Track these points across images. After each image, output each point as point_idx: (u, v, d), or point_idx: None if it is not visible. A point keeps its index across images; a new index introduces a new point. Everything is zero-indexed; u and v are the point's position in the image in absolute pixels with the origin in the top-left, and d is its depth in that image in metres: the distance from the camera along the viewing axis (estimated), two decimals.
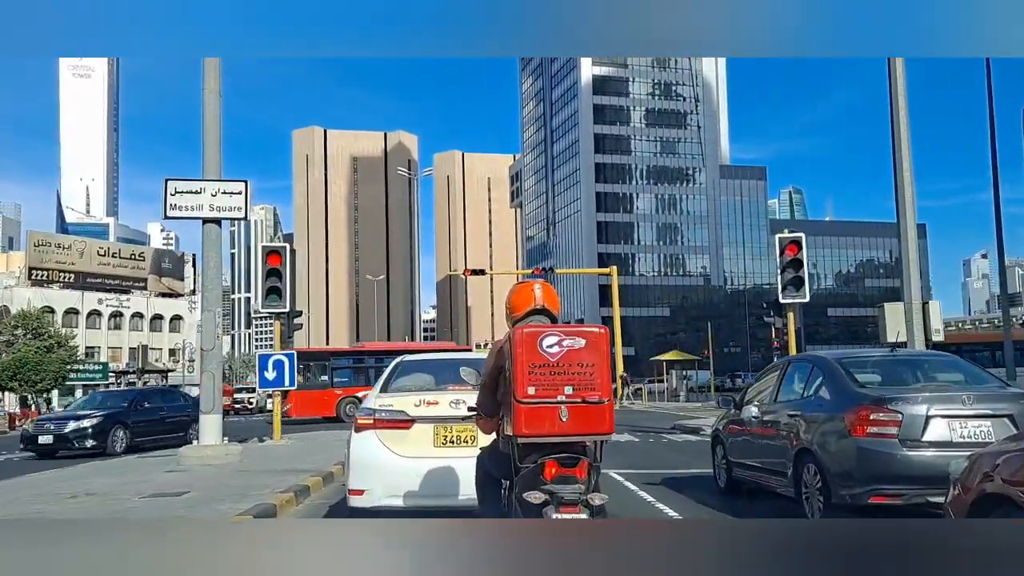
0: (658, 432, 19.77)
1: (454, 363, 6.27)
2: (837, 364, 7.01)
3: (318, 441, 15.88)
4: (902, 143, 12.46)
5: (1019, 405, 6.07)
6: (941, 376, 6.96)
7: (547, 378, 3.46)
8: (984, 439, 5.79)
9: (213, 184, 10.90)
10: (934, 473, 5.47)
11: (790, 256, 14.46)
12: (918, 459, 5.84)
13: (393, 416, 5.89)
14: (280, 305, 14.47)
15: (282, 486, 8.54)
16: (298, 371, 15.45)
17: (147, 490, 8.64)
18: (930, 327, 12.35)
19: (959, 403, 6.03)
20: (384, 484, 5.83)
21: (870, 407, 6.10)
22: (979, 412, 5.98)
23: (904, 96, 12.60)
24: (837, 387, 6.67)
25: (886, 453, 5.91)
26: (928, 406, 5.97)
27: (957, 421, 5.94)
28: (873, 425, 6.01)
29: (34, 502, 8.13)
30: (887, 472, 5.89)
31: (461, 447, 5.76)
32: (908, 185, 12.49)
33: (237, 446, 11.33)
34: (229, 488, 8.54)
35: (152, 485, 9.06)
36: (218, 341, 10.91)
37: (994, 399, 6.20)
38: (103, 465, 12.16)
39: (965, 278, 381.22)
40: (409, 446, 5.83)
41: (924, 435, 5.90)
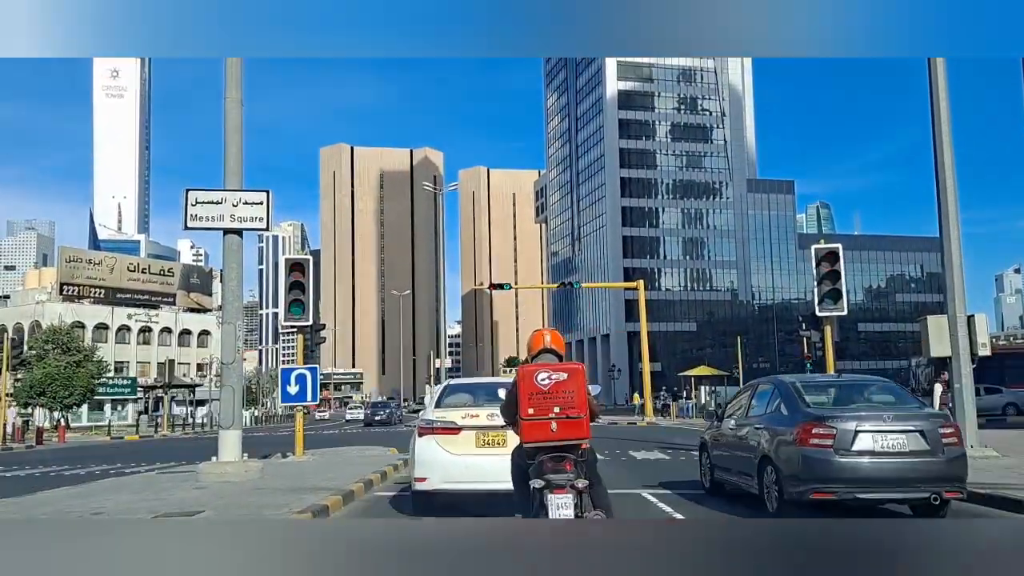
0: (689, 449, 19.17)
1: (488, 386, 8.92)
2: (792, 387, 8.50)
3: (341, 457, 15.59)
4: (944, 154, 11.95)
5: (929, 422, 7.56)
6: (876, 398, 8.40)
7: (541, 402, 4.86)
8: (900, 449, 7.35)
9: (234, 195, 10.68)
10: (861, 476, 7.30)
11: (827, 268, 13.93)
12: (848, 464, 7.34)
13: (446, 425, 7.97)
14: (303, 318, 14.23)
15: (300, 505, 8.21)
16: None
17: (161, 508, 8.35)
18: (975, 340, 11.79)
19: (881, 420, 7.53)
20: (440, 474, 7.91)
21: (812, 423, 7.60)
22: (896, 428, 7.47)
23: (946, 100, 12.11)
24: (790, 406, 8.19)
25: (823, 460, 7.37)
26: (857, 423, 7.45)
27: (879, 435, 7.42)
28: (814, 437, 7.48)
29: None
30: (824, 475, 7.36)
31: (495, 448, 7.77)
32: (951, 196, 11.97)
33: (257, 463, 11.04)
34: (245, 507, 8.23)
35: (167, 503, 8.78)
36: (238, 355, 10.65)
37: (910, 418, 7.65)
38: (121, 482, 11.92)
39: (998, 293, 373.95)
40: (457, 447, 7.89)
41: (853, 446, 7.37)
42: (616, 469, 13.66)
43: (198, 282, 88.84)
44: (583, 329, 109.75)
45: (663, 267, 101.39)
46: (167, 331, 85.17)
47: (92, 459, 21.50)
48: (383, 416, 48.54)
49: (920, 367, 38.43)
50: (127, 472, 15.98)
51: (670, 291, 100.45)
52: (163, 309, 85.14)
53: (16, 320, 75.33)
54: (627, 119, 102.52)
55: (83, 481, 12.99)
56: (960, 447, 7.75)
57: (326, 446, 22.00)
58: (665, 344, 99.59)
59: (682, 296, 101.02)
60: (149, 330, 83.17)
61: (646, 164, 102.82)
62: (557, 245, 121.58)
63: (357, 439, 28.35)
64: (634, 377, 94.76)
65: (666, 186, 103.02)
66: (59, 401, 42.63)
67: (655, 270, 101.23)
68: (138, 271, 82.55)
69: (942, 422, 7.85)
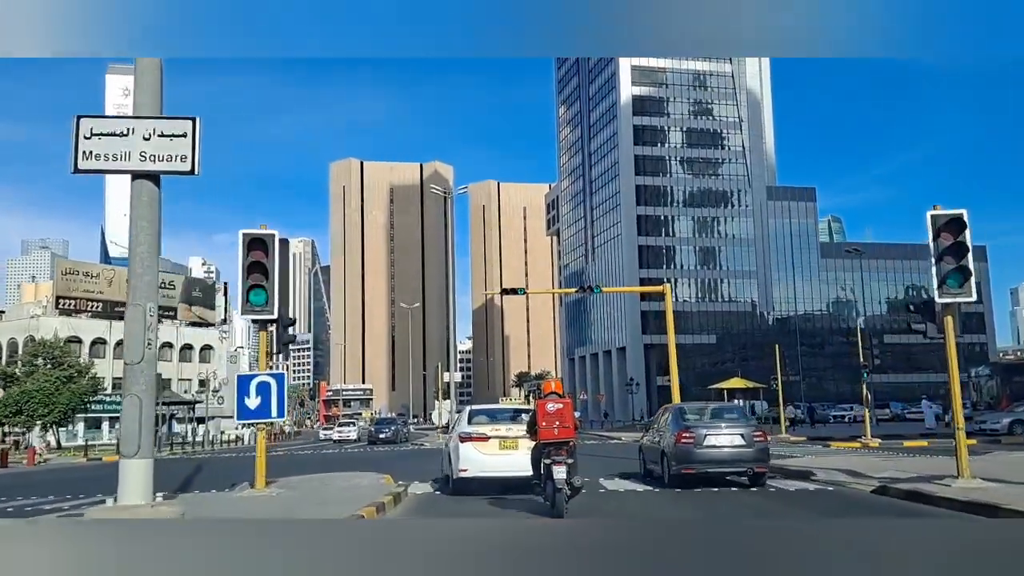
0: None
1: (502, 410, 15.23)
2: (679, 410, 15.04)
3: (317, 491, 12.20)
4: None
5: (747, 429, 13.80)
6: (726, 415, 15.01)
7: (550, 420, 10.27)
8: (729, 444, 13.47)
9: (146, 123, 7.51)
10: (708, 459, 13.36)
11: (949, 240, 10.60)
12: (702, 453, 13.40)
13: (479, 435, 12.77)
14: (266, 309, 10.99)
15: None
16: None
17: None
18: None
19: (719, 428, 13.72)
20: (477, 466, 12.60)
21: (683, 431, 13.67)
22: (728, 432, 13.64)
23: None
24: (675, 422, 14.26)
25: (688, 451, 13.43)
26: (706, 430, 13.63)
27: (718, 437, 13.54)
28: (683, 439, 13.51)
29: None
30: (689, 459, 13.41)
31: (511, 450, 12.45)
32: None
33: (174, 507, 7.70)
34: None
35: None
36: (149, 351, 7.42)
37: (736, 425, 13.94)
38: None
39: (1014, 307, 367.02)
40: (487, 448, 12.66)
41: (704, 443, 13.46)
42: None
43: (200, 295, 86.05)
44: (598, 342, 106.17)
45: (680, 277, 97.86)
46: (168, 346, 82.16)
47: (20, 489, 18.21)
48: (388, 434, 45.24)
49: (980, 377, 35.80)
50: (27, 508, 12.80)
51: (687, 302, 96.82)
52: (164, 323, 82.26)
53: (11, 335, 72.59)
54: (642, 125, 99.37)
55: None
56: (764, 443, 13.79)
57: (310, 470, 18.71)
58: (683, 357, 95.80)
59: (700, 307, 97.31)
60: None
61: (662, 171, 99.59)
62: (569, 256, 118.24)
63: (351, 462, 25.10)
64: (651, 391, 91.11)
65: (682, 194, 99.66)
66: (36, 419, 39.48)
67: (671, 280, 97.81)
68: None
69: (755, 428, 14.04)
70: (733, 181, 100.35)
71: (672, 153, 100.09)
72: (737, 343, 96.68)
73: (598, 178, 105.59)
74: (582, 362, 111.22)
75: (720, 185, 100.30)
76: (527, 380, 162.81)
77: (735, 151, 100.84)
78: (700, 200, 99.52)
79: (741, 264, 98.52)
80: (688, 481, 13.49)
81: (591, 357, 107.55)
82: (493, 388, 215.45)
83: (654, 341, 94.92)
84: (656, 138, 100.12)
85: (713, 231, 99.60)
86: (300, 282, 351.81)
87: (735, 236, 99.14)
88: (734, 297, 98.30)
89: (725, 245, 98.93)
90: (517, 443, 12.03)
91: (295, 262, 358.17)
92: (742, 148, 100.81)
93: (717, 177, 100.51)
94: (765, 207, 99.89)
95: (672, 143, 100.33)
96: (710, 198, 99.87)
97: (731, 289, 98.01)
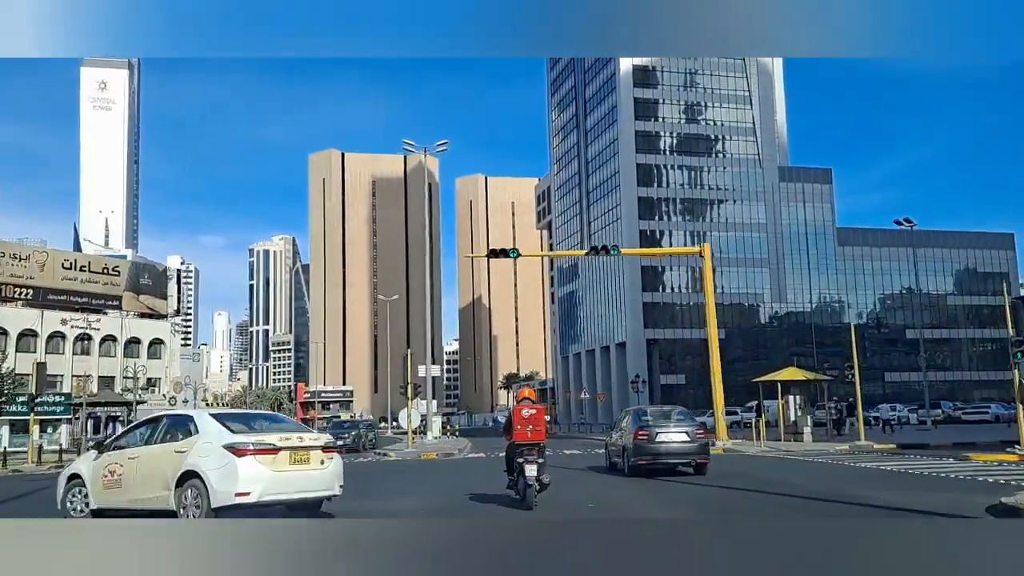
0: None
1: (257, 415, 12.02)
2: (638, 412, 18.56)
3: None
4: None
5: (692, 428, 17.30)
6: (674, 416, 18.22)
7: (524, 424, 11.75)
8: (677, 440, 16.95)
9: None
10: (659, 452, 16.99)
11: None
12: (654, 447, 16.91)
13: (263, 445, 9.98)
14: None
15: None
16: None
17: None
18: None
19: (669, 427, 17.22)
20: (260, 488, 9.80)
21: (639, 429, 17.15)
22: (676, 430, 17.10)
23: None
24: (634, 421, 17.72)
25: (643, 445, 16.94)
26: (658, 429, 17.10)
27: (668, 434, 17.01)
28: (640, 437, 17.01)
29: None
30: (644, 452, 16.95)
31: (303, 466, 10.25)
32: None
33: None
34: None
35: None
36: None
37: (683, 424, 17.42)
38: None
39: None
40: (275, 465, 10.00)
41: (656, 439, 16.95)
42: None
43: (150, 283, 76.61)
44: (594, 339, 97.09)
45: (683, 264, 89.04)
46: (111, 339, 72.70)
47: None
48: (347, 440, 36.21)
49: None
50: None
51: (691, 293, 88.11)
52: (109, 314, 72.82)
53: None
54: (644, 98, 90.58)
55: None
56: (705, 438, 17.61)
57: None
58: (688, 352, 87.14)
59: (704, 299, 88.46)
60: (88, 338, 70.67)
61: (666, 149, 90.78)
62: (563, 246, 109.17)
63: None
64: (655, 389, 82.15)
65: (688, 173, 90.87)
66: None
67: (677, 270, 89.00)
68: (75, 269, 70.25)
69: (698, 427, 17.68)
70: (743, 161, 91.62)
71: (678, 128, 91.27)
72: (748, 338, 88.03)
73: (595, 158, 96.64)
74: (576, 360, 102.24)
75: (729, 164, 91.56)
76: (516, 381, 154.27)
77: (745, 127, 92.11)
78: (707, 181, 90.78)
79: (752, 251, 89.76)
80: (644, 471, 17.11)
81: (587, 354, 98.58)
82: (480, 389, 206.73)
83: (657, 336, 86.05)
84: (659, 112, 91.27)
85: (721, 214, 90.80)
86: (281, 281, 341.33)
87: (744, 221, 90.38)
88: (745, 288, 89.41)
89: (734, 230, 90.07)
90: (309, 455, 10.33)
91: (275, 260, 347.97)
92: (752, 124, 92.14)
93: (727, 156, 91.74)
94: (777, 189, 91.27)
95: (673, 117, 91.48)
96: (718, 179, 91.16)
97: (740, 279, 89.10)
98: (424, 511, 11.67)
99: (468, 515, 11.34)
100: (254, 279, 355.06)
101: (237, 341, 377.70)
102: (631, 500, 13.03)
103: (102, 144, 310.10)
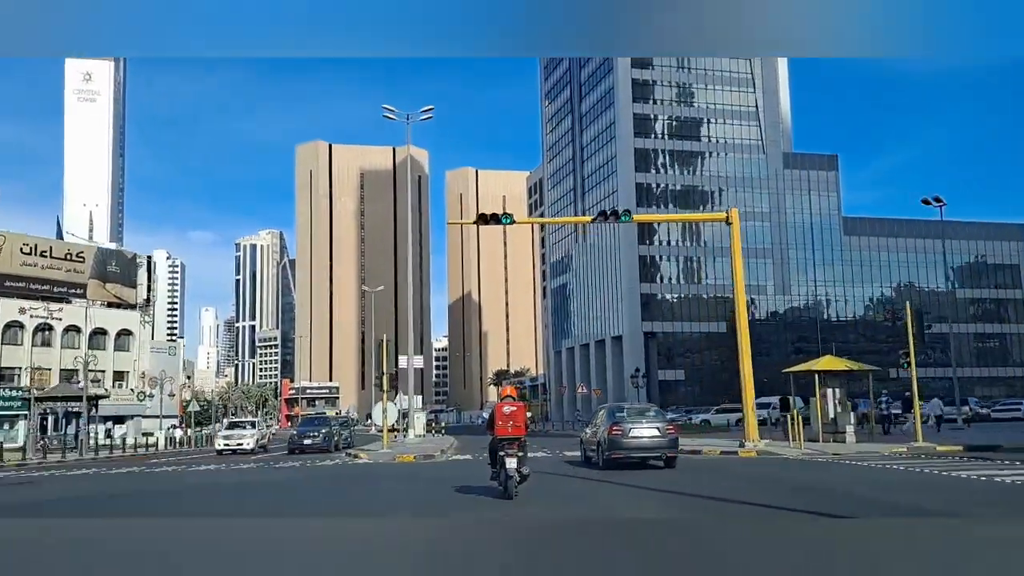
0: None
1: None
2: (613, 408, 19.63)
3: None
4: None
5: (663, 424, 18.35)
6: (647, 413, 19.09)
7: (505, 420, 12.48)
8: (648, 435, 17.95)
9: None
10: (632, 447, 17.94)
11: None
12: (627, 442, 17.88)
13: None
14: None
15: None
16: None
17: None
18: None
19: (641, 424, 18.19)
20: None
21: (614, 425, 18.19)
22: (647, 426, 18.13)
23: None
24: (609, 417, 18.66)
25: (617, 440, 17.92)
26: (631, 425, 18.10)
27: (640, 429, 18.00)
28: (614, 432, 18.01)
29: None
30: (618, 447, 17.91)
31: None
32: None
33: None
34: None
35: None
36: None
37: (653, 420, 18.44)
38: None
39: None
40: None
41: (630, 435, 17.91)
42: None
43: (117, 270, 71.87)
44: (588, 333, 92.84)
45: (686, 256, 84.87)
46: (74, 330, 67.98)
47: None
48: (316, 439, 31.87)
49: None
50: None
51: (695, 285, 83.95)
52: (74, 303, 68.14)
53: None
54: (642, 79, 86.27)
55: None
56: (675, 435, 18.46)
57: None
58: (688, 347, 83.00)
59: (706, 291, 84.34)
60: (49, 328, 65.97)
61: (665, 132, 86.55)
62: (557, 235, 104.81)
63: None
64: (652, 385, 78.00)
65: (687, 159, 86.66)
66: None
67: (676, 261, 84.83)
68: (35, 254, 65.48)
69: (668, 423, 18.61)
70: (746, 147, 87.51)
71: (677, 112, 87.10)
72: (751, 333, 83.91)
73: (590, 143, 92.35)
74: (570, 354, 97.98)
75: (731, 151, 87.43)
76: (506, 378, 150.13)
77: (748, 111, 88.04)
78: (707, 166, 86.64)
79: (756, 241, 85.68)
80: (617, 464, 18.07)
81: (581, 348, 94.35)
82: (470, 386, 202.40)
83: (655, 329, 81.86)
84: (657, 94, 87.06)
85: (721, 201, 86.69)
86: (268, 276, 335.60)
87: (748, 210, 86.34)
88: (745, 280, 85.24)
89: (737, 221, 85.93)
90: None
91: (263, 255, 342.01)
92: (755, 107, 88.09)
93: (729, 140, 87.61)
94: (781, 176, 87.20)
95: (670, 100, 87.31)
96: (719, 163, 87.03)
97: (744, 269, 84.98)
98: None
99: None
100: (240, 274, 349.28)
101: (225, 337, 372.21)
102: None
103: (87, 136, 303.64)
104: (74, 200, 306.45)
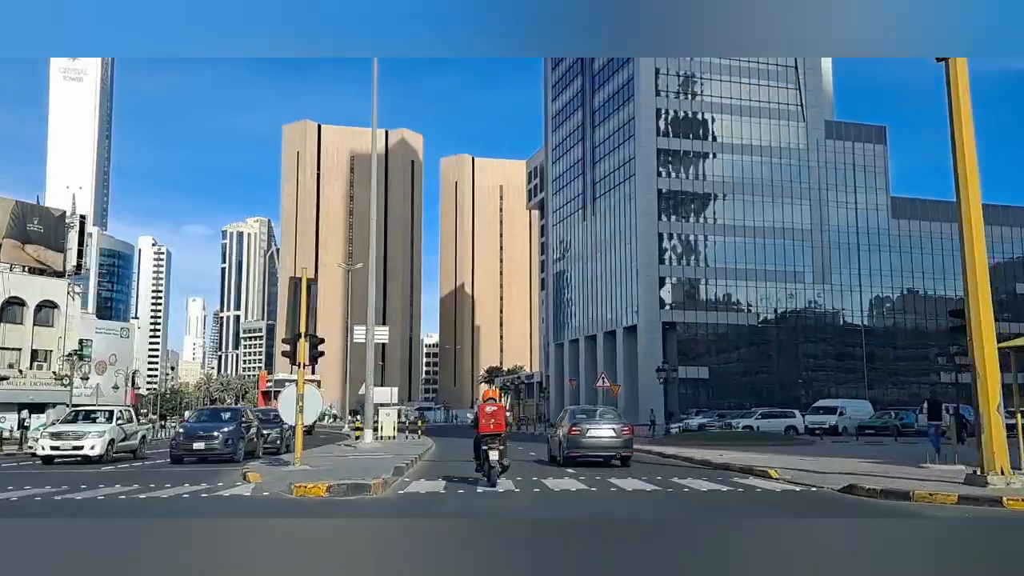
0: None
1: None
2: (573, 410, 22.00)
3: None
4: None
5: (618, 425, 19.90)
6: (605, 415, 20.82)
7: (487, 418, 14.36)
8: (604, 436, 19.56)
9: None
10: (589, 446, 19.55)
11: None
12: (585, 441, 19.55)
13: None
14: None
15: None
16: None
17: None
18: None
19: (598, 425, 19.91)
20: None
21: (573, 425, 19.88)
22: (604, 427, 19.80)
23: None
24: (570, 419, 20.50)
25: (576, 440, 19.57)
26: (589, 426, 19.84)
27: (597, 430, 19.70)
28: (573, 431, 19.71)
29: None
30: (577, 446, 19.51)
31: None
32: None
33: None
34: None
35: None
36: None
37: (610, 422, 20.08)
38: None
39: None
40: None
41: (587, 435, 19.59)
42: None
43: (40, 230, 60.25)
44: (594, 324, 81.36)
45: (713, 235, 73.48)
46: None
47: None
48: (213, 442, 20.25)
49: None
50: None
51: (722, 269, 72.59)
52: None
53: None
54: None
55: None
56: (630, 435, 19.80)
57: None
58: (715, 341, 71.65)
59: (737, 277, 72.89)
60: None
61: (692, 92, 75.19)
62: (559, 215, 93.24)
63: None
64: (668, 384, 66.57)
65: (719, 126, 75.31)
66: None
67: (701, 239, 73.40)
68: None
69: (624, 425, 19.98)
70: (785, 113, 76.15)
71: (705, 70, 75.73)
72: (787, 325, 72.66)
73: (602, 107, 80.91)
74: (573, 347, 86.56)
75: (768, 117, 76.11)
76: (498, 375, 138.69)
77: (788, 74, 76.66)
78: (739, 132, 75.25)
79: (793, 221, 74.27)
80: (576, 461, 19.41)
81: (586, 340, 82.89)
82: (460, 384, 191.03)
83: (676, 319, 70.42)
84: None
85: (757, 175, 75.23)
86: (255, 265, 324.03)
87: (786, 184, 74.94)
88: (784, 265, 73.80)
89: (772, 194, 74.48)
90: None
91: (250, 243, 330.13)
92: (795, 69, 76.71)
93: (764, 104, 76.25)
94: (823, 147, 75.88)
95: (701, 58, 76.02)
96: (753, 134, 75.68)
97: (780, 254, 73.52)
98: None
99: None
100: (226, 262, 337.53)
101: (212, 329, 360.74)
102: None
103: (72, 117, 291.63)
104: (57, 181, 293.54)
